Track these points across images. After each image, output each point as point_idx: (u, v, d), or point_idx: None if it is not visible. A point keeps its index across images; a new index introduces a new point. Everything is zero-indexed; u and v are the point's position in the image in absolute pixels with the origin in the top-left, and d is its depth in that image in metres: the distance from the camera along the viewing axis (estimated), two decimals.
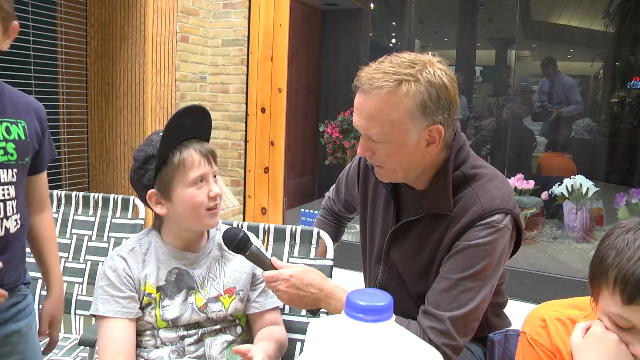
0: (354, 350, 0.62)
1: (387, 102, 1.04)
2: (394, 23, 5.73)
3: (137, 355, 1.15)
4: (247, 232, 1.14)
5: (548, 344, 0.95)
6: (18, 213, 1.20)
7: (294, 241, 1.48)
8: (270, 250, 1.47)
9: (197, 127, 1.17)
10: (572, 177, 3.74)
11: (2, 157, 1.14)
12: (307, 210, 3.84)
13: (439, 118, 1.07)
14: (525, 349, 0.98)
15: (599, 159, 4.49)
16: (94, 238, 1.83)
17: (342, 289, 1.13)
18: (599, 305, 0.85)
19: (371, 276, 1.34)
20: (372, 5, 5.47)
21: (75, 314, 1.78)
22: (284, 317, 1.35)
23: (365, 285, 1.43)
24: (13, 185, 1.17)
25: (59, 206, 1.87)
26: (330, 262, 1.41)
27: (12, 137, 1.16)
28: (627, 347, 0.82)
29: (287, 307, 1.40)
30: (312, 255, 1.45)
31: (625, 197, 3.54)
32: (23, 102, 1.22)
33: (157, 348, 1.16)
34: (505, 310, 1.38)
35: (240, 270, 1.24)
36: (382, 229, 1.28)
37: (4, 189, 1.15)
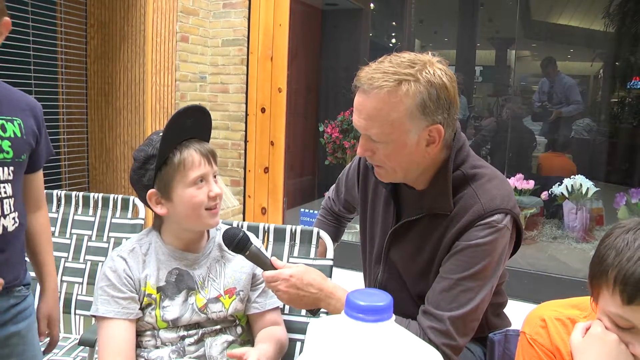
0: (354, 350, 0.62)
1: (387, 102, 1.04)
2: (394, 23, 5.73)
3: (137, 356, 1.15)
4: (247, 232, 1.14)
5: (548, 344, 0.95)
6: (16, 211, 1.19)
7: (294, 241, 1.48)
8: (270, 250, 1.47)
9: (197, 127, 1.17)
10: (572, 177, 3.74)
11: None
12: (307, 210, 3.84)
13: (439, 118, 1.07)
14: (525, 349, 0.98)
15: (599, 159, 4.49)
16: (93, 238, 1.83)
17: (342, 289, 1.13)
18: (599, 305, 0.85)
19: (371, 276, 1.34)
20: (372, 5, 5.47)
21: (75, 314, 1.78)
22: (284, 317, 1.35)
23: (365, 285, 1.43)
24: (10, 183, 1.17)
25: (58, 206, 1.87)
26: (330, 262, 1.41)
27: (7, 134, 1.16)
28: (627, 347, 0.82)
29: (287, 307, 1.40)
30: (312, 255, 1.45)
31: (625, 197, 3.53)
32: (18, 100, 1.22)
33: (157, 348, 1.16)
34: (505, 310, 1.38)
35: (240, 271, 1.24)
36: (382, 229, 1.28)
37: (0, 187, 1.14)
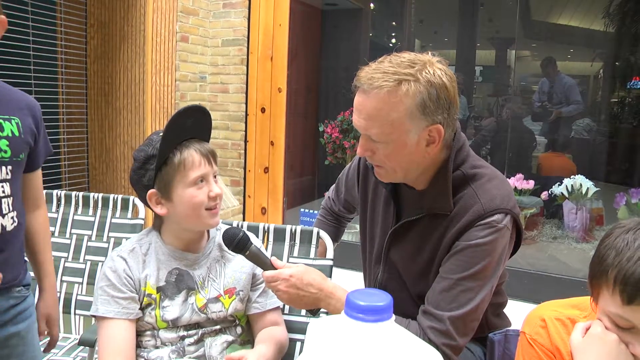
0: (354, 350, 0.62)
1: (386, 102, 1.04)
2: (394, 23, 5.73)
3: (137, 356, 1.15)
4: (247, 232, 1.14)
5: (548, 344, 0.95)
6: (15, 211, 1.19)
7: (294, 241, 1.48)
8: (270, 250, 1.47)
9: (197, 127, 1.17)
10: (572, 177, 3.74)
11: None
12: (307, 210, 3.84)
13: (439, 118, 1.07)
14: (525, 349, 0.98)
15: (599, 159, 4.49)
16: (93, 238, 1.83)
17: (341, 289, 1.13)
18: (598, 305, 0.85)
19: (371, 276, 1.34)
20: (372, 5, 5.47)
21: (75, 314, 1.78)
22: (284, 317, 1.35)
23: (365, 285, 1.43)
24: (8, 183, 1.16)
25: (58, 206, 1.87)
26: (330, 262, 1.41)
27: (5, 133, 1.15)
28: (627, 347, 0.82)
29: (287, 307, 1.40)
30: (312, 255, 1.45)
31: (625, 197, 3.54)
32: (16, 99, 1.21)
33: (157, 348, 1.16)
34: (505, 310, 1.38)
35: (240, 271, 1.24)
36: (382, 229, 1.28)
37: None
